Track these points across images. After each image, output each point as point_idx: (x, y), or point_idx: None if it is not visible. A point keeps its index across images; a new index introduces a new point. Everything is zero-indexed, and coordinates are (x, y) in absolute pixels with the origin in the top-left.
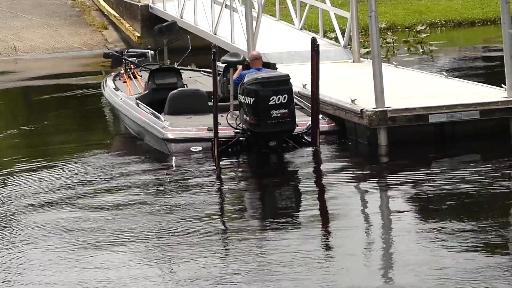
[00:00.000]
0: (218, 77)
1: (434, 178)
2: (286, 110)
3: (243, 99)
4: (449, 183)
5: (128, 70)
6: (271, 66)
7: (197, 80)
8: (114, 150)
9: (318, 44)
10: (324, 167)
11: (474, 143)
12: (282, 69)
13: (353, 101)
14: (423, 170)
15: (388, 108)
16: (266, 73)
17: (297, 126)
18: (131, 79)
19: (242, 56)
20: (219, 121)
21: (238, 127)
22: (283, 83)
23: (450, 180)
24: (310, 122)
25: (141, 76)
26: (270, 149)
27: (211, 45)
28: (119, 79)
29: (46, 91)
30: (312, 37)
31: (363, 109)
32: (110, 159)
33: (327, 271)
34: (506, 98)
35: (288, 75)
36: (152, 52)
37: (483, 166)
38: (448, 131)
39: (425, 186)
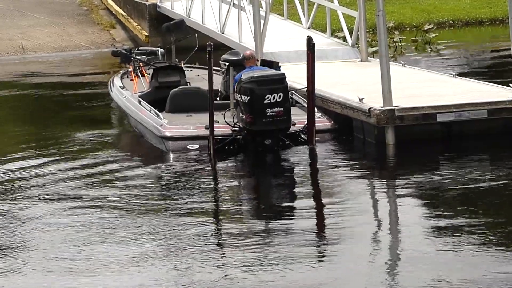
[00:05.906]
0: (222, 76)
1: (442, 177)
2: (282, 109)
3: (239, 97)
4: (457, 182)
5: (137, 68)
6: (273, 64)
7: (205, 78)
8: (116, 147)
9: (314, 43)
10: (321, 165)
11: (482, 143)
12: (289, 68)
13: (361, 100)
14: (430, 169)
15: (396, 107)
16: (262, 72)
17: (294, 124)
18: (138, 77)
19: (241, 55)
20: (218, 120)
21: (235, 125)
22: (279, 81)
23: (458, 179)
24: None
25: (148, 74)
26: (265, 147)
27: (207, 44)
28: (127, 77)
29: (53, 89)
30: (308, 36)
31: (371, 108)
32: (110, 157)
33: (331, 271)
34: None
35: (283, 74)
36: (162, 50)
37: (491, 165)
38: (456, 130)
39: (432, 185)
